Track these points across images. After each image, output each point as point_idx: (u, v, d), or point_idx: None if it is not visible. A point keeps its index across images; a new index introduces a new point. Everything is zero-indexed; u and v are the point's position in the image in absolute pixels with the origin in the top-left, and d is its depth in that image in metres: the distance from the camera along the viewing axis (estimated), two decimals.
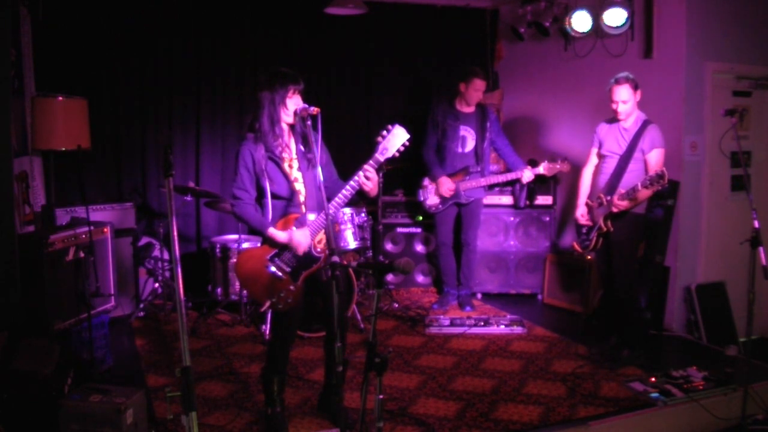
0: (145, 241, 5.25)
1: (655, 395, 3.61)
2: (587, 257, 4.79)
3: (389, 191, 5.89)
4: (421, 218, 5.87)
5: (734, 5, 4.93)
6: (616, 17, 5.00)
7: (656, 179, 3.69)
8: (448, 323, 4.90)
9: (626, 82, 4.01)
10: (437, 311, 5.33)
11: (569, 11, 5.36)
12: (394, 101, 6.36)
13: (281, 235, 3.10)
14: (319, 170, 2.91)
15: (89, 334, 3.73)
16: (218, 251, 5.07)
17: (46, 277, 3.77)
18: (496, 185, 5.38)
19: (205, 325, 4.92)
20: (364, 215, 4.87)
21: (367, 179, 3.05)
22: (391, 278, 5.91)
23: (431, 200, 5.32)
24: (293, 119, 3.12)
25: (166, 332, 4.78)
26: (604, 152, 4.24)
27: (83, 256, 4.00)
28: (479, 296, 5.82)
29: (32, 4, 4.67)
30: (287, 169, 3.15)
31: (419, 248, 5.96)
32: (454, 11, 6.43)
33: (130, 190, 5.54)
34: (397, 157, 3.05)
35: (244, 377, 3.96)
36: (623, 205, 3.98)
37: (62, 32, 5.04)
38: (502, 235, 5.81)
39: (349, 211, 4.68)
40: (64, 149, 4.40)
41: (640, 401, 3.60)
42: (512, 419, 3.41)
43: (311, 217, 3.14)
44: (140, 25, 5.35)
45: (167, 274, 5.25)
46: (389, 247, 5.93)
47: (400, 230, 5.95)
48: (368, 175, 3.04)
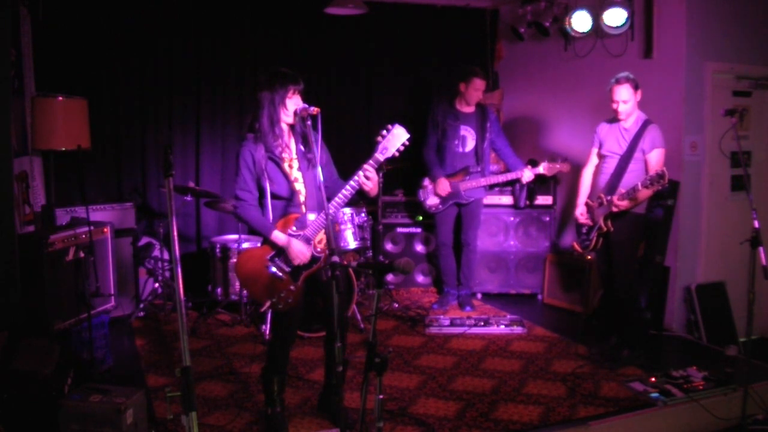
0: (145, 241, 5.25)
1: (655, 395, 3.61)
2: (587, 257, 4.78)
3: (389, 191, 5.89)
4: (421, 218, 5.87)
5: (734, 5, 4.93)
6: (616, 17, 5.01)
7: (656, 179, 3.69)
8: (448, 323, 4.90)
9: (627, 81, 4.01)
10: (437, 311, 5.33)
11: (569, 11, 5.36)
12: (394, 101, 6.36)
13: (281, 238, 3.10)
14: (319, 170, 2.91)
15: (89, 334, 3.73)
16: (218, 251, 5.07)
17: (46, 277, 3.77)
18: (496, 185, 5.38)
19: (205, 325, 4.92)
20: (364, 215, 4.86)
21: (367, 179, 3.05)
22: (391, 278, 5.91)
23: (431, 200, 5.32)
24: (293, 119, 3.12)
25: (166, 332, 4.78)
26: (604, 152, 4.24)
27: (83, 256, 4.00)
28: (479, 296, 5.82)
29: (32, 4, 4.67)
30: (287, 169, 3.15)
31: (419, 248, 5.96)
32: (454, 11, 6.43)
33: (130, 190, 5.54)
34: (396, 156, 3.05)
35: (244, 377, 3.96)
36: (623, 205, 3.97)
37: (62, 32, 5.04)
38: (502, 235, 5.81)
39: (349, 211, 4.68)
40: (64, 149, 4.40)
41: (640, 401, 3.60)
42: (512, 419, 3.41)
43: (311, 217, 3.14)
44: (140, 25, 5.35)
45: (167, 274, 5.25)
46: (389, 247, 5.93)
47: (400, 230, 5.95)
48: (368, 174, 3.04)
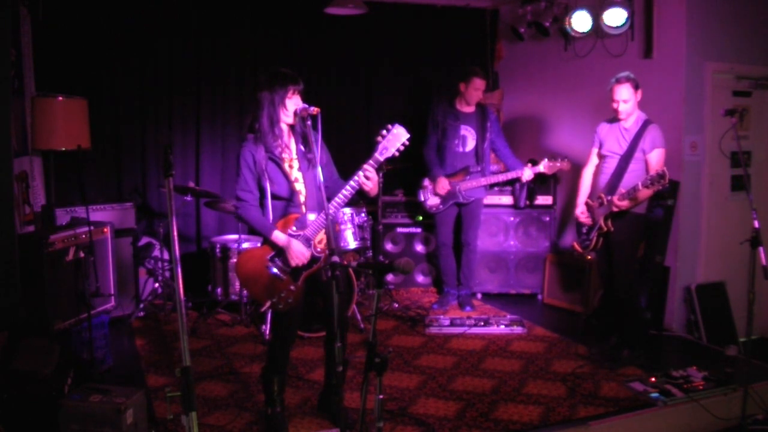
0: (145, 241, 5.25)
1: (655, 395, 3.61)
2: (588, 257, 4.78)
3: (389, 191, 5.89)
4: (421, 218, 5.87)
5: (734, 5, 4.93)
6: (616, 17, 5.00)
7: (657, 179, 3.70)
8: (448, 323, 4.90)
9: (627, 81, 4.01)
10: (437, 311, 5.33)
11: (569, 11, 5.36)
12: (394, 101, 6.36)
13: (281, 238, 3.10)
14: (319, 170, 2.91)
15: (89, 334, 3.73)
16: (218, 251, 5.07)
17: (46, 277, 3.76)
18: (496, 185, 5.38)
19: (205, 325, 4.92)
20: (364, 215, 4.86)
21: (367, 179, 3.05)
22: (391, 278, 5.91)
23: (432, 200, 5.32)
24: (293, 119, 3.12)
25: (166, 332, 4.78)
26: (604, 152, 4.24)
27: (83, 256, 4.00)
28: (479, 296, 5.82)
29: (32, 4, 4.67)
30: (287, 169, 3.15)
31: (419, 248, 5.96)
32: (454, 11, 6.43)
33: (130, 190, 5.54)
34: (396, 156, 3.05)
35: (244, 377, 3.96)
36: (624, 204, 3.97)
37: (62, 32, 5.04)
38: (502, 235, 5.80)
39: (349, 211, 4.68)
40: (64, 149, 4.40)
41: (640, 401, 3.60)
42: (512, 419, 3.41)
43: (311, 217, 3.14)
44: (140, 25, 5.35)
45: (167, 274, 5.25)
46: (389, 247, 5.93)
47: (400, 230, 5.95)
48: (368, 174, 3.04)
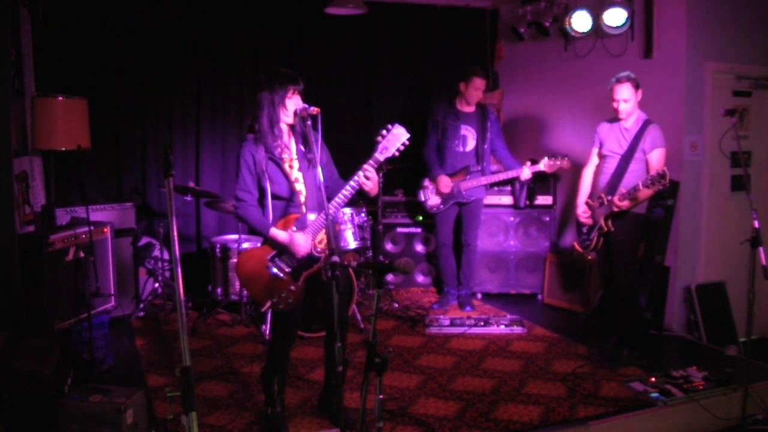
0: (145, 241, 5.25)
1: (655, 395, 3.61)
2: (588, 257, 4.78)
3: (389, 191, 5.89)
4: (421, 218, 5.87)
5: (734, 5, 4.93)
6: (616, 17, 5.00)
7: (657, 179, 3.70)
8: (448, 323, 4.90)
9: (627, 81, 4.01)
10: (437, 311, 5.33)
11: (569, 11, 5.36)
12: (394, 101, 6.36)
13: (282, 235, 3.09)
14: (319, 170, 2.91)
15: (89, 334, 3.73)
16: (218, 251, 5.07)
17: (46, 277, 3.76)
18: (496, 184, 5.38)
19: (205, 325, 4.92)
20: (364, 215, 4.87)
21: (367, 179, 3.05)
22: (391, 278, 5.91)
23: (432, 200, 5.32)
24: (293, 119, 3.12)
25: (166, 332, 4.78)
26: (604, 152, 4.24)
27: (83, 256, 4.00)
28: (479, 296, 5.82)
29: (32, 4, 4.67)
30: (288, 169, 3.15)
31: (419, 248, 5.96)
32: (454, 11, 6.43)
33: (130, 190, 5.54)
34: (396, 156, 3.05)
35: (244, 377, 3.96)
36: (624, 204, 3.97)
37: (62, 32, 5.04)
38: (502, 235, 5.80)
39: (349, 211, 4.68)
40: (64, 149, 4.40)
41: (640, 401, 3.60)
42: (512, 419, 3.41)
43: (311, 217, 3.14)
44: (140, 25, 5.35)
45: (167, 274, 5.25)
46: (389, 247, 5.93)
47: (400, 230, 5.95)
48: (368, 174, 3.04)
